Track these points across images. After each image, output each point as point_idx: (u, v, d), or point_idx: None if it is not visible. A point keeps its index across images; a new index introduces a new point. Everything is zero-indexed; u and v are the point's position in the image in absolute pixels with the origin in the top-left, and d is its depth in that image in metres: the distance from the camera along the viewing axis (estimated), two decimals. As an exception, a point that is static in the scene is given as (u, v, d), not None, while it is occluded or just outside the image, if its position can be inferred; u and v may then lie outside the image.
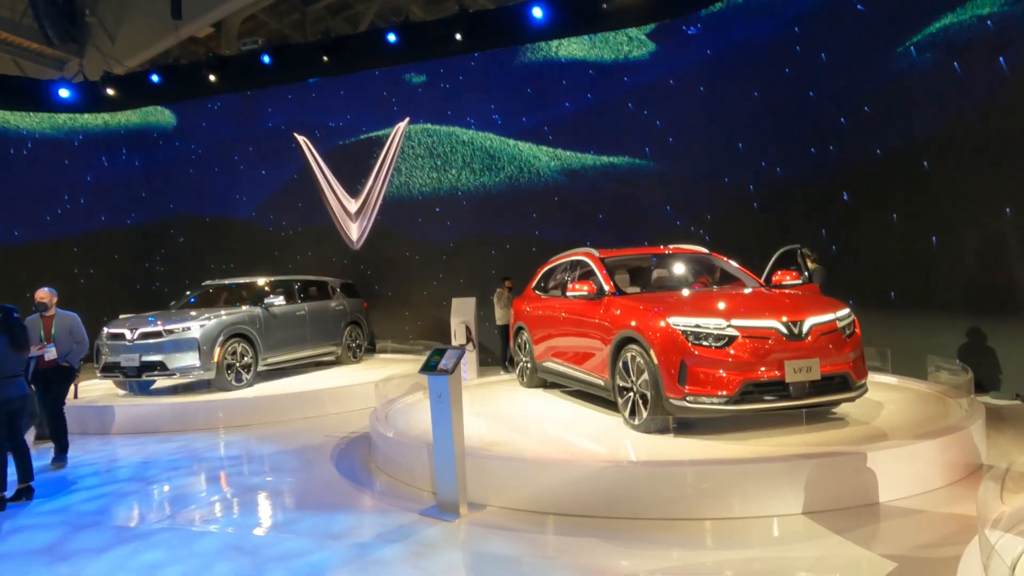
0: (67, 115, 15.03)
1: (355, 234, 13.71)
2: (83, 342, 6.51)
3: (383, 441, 5.59)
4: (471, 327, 10.30)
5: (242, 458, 6.28)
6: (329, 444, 6.70)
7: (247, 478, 5.57)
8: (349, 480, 5.37)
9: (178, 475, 5.77)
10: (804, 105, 9.39)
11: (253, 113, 14.38)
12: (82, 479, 5.79)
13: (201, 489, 5.32)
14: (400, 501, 4.70)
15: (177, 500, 5.02)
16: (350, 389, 8.69)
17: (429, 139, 13.18)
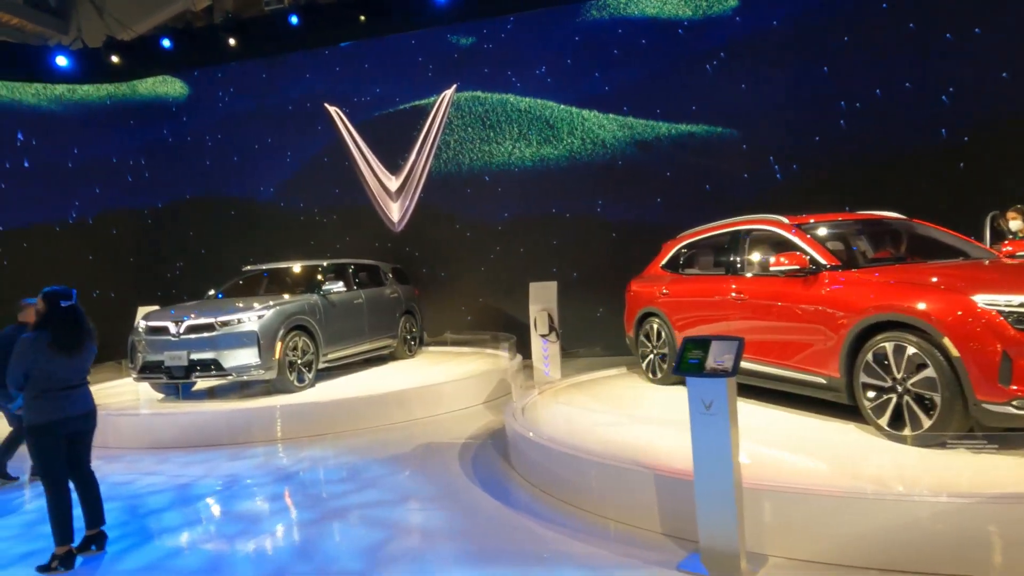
0: (65, 86, 13.49)
1: (396, 215, 12.41)
2: None
3: (550, 459, 4.39)
4: (553, 315, 9.10)
5: (351, 480, 5.04)
6: (446, 456, 5.51)
7: (378, 511, 4.34)
8: (516, 510, 4.17)
9: (279, 507, 4.54)
10: (917, 64, 8.29)
11: (277, 82, 12.95)
12: (157, 515, 4.53)
13: (327, 531, 4.08)
14: (617, 545, 3.53)
15: (307, 552, 3.78)
16: (438, 389, 7.48)
17: (479, 108, 11.89)
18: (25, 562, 3.80)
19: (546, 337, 9.11)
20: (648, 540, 3.53)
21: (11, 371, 3.61)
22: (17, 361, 3.60)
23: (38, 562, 3.75)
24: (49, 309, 3.73)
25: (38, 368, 3.62)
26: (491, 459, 5.39)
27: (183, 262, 13.43)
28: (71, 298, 3.84)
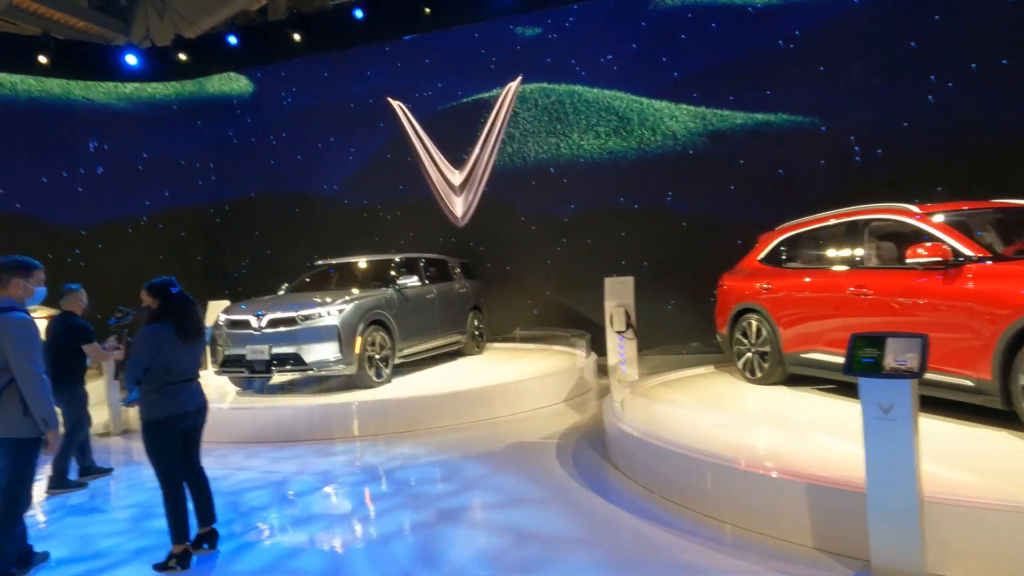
0: (135, 84, 13.73)
1: (459, 209, 12.26)
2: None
3: (669, 462, 4.13)
4: (631, 311, 8.80)
5: (452, 480, 4.86)
6: (543, 456, 5.29)
7: (492, 514, 4.15)
8: (637, 516, 3.92)
9: (386, 507, 4.38)
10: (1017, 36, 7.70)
11: (340, 77, 12.92)
12: (261, 511, 4.43)
13: (444, 534, 3.89)
14: (765, 559, 3.24)
15: (429, 556, 3.60)
16: (518, 386, 7.27)
17: (546, 100, 11.63)
18: (140, 560, 3.73)
19: (622, 334, 8.82)
20: (799, 554, 3.24)
21: (132, 364, 3.52)
22: (140, 354, 3.50)
23: (151, 559, 3.67)
24: (163, 299, 3.63)
25: (159, 361, 3.53)
26: (591, 459, 5.16)
27: (248, 259, 13.54)
28: (177, 286, 3.74)
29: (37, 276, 3.49)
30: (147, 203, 13.65)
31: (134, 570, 3.60)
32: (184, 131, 13.81)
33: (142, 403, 3.58)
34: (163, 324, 3.57)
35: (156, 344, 3.52)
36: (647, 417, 5.14)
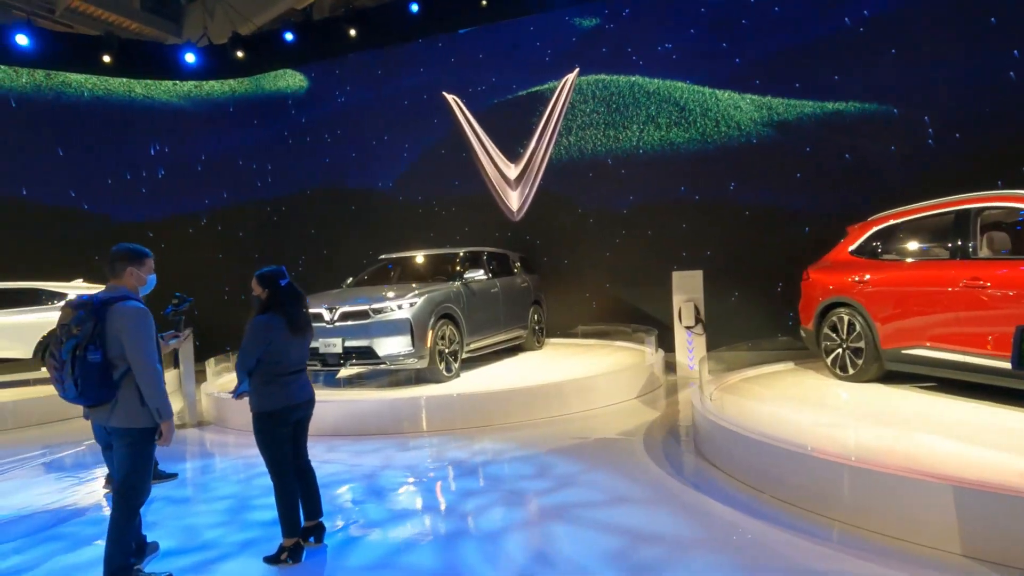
0: (193, 83, 13.95)
1: (515, 203, 12.15)
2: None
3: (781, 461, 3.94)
4: (700, 305, 8.59)
5: (544, 476, 4.74)
6: (632, 452, 5.14)
7: (597, 513, 4.00)
8: (753, 517, 3.74)
9: (484, 503, 4.27)
10: None
11: (395, 72, 12.92)
12: (359, 505, 4.37)
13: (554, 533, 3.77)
14: (911, 566, 3.04)
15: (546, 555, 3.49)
16: (591, 382, 7.12)
17: (604, 92, 11.44)
18: (247, 552, 3.69)
19: (691, 329, 8.63)
20: (948, 562, 3.03)
21: (244, 355, 3.48)
22: (252, 345, 3.46)
23: (259, 552, 3.63)
24: (273, 290, 3.58)
25: (271, 352, 3.48)
26: (682, 456, 5.01)
27: (304, 256, 13.63)
28: (286, 277, 3.69)
29: (149, 264, 3.47)
30: (206, 201, 13.86)
31: (244, 562, 3.57)
32: (240, 129, 13.98)
33: (253, 395, 3.54)
34: (274, 315, 3.52)
35: (268, 335, 3.47)
36: (744, 414, 4.95)
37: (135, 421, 3.19)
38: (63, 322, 3.14)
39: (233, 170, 13.93)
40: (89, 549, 3.86)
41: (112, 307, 3.17)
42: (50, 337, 9.18)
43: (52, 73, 12.83)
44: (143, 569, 3.30)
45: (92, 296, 3.21)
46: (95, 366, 3.09)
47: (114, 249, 3.38)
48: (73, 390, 3.08)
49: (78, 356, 3.07)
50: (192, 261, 13.58)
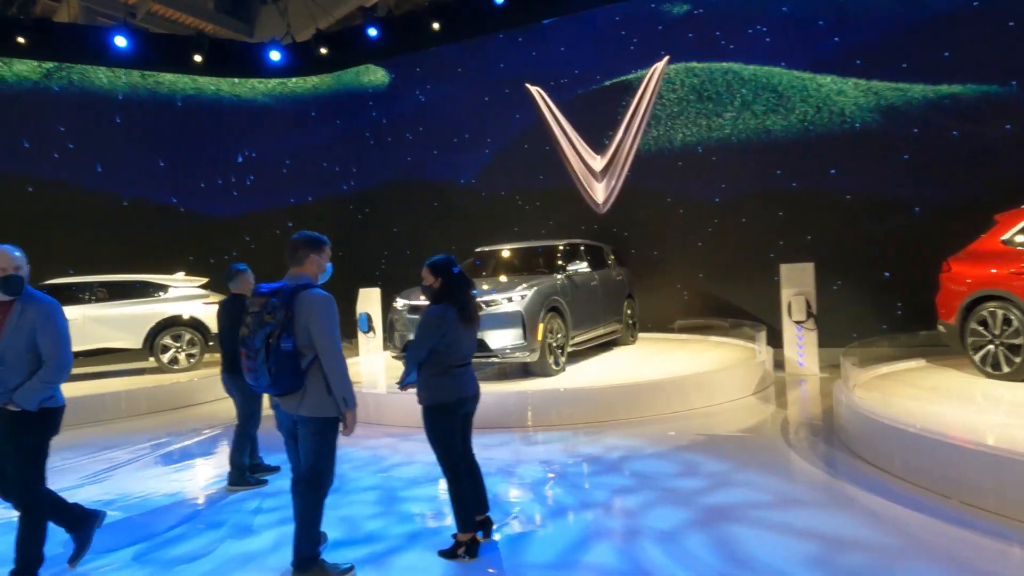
0: (277, 80, 14.20)
1: (601, 195, 11.94)
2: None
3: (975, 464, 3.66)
4: (811, 299, 8.23)
5: (694, 474, 4.56)
6: (776, 450, 4.90)
7: (771, 514, 3.80)
8: (957, 526, 3.48)
9: (644, 501, 4.12)
10: None
11: (477, 65, 12.86)
12: (508, 500, 4.28)
13: (735, 535, 3.59)
14: None
15: (738, 558, 3.32)
16: (711, 377, 6.89)
17: (695, 80, 11.11)
18: (417, 545, 3.64)
19: (802, 324, 8.29)
20: None
21: (418, 346, 3.41)
22: (427, 336, 3.39)
23: (428, 545, 3.58)
24: (447, 278, 3.51)
25: (444, 343, 3.41)
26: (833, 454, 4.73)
27: (387, 250, 13.73)
28: (457, 265, 3.61)
29: (327, 252, 3.43)
30: (291, 200, 14.09)
31: (417, 555, 3.51)
32: (323, 125, 14.17)
33: (424, 387, 3.47)
34: (448, 306, 3.44)
35: (443, 326, 3.39)
36: (899, 413, 4.65)
37: (323, 410, 3.15)
38: (253, 310, 3.12)
39: (316, 166, 14.14)
40: (256, 538, 3.88)
41: (300, 295, 3.14)
42: (159, 328, 9.50)
43: (147, 73, 13.25)
44: (326, 560, 3.27)
45: (281, 284, 3.19)
46: (288, 355, 3.06)
47: (295, 237, 3.35)
48: (266, 379, 3.06)
49: (271, 345, 3.04)
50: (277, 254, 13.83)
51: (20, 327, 3.19)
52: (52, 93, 12.48)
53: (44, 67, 12.39)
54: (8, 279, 3.19)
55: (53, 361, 3.23)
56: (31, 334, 3.20)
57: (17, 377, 3.19)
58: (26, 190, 12.18)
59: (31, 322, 3.20)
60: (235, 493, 4.76)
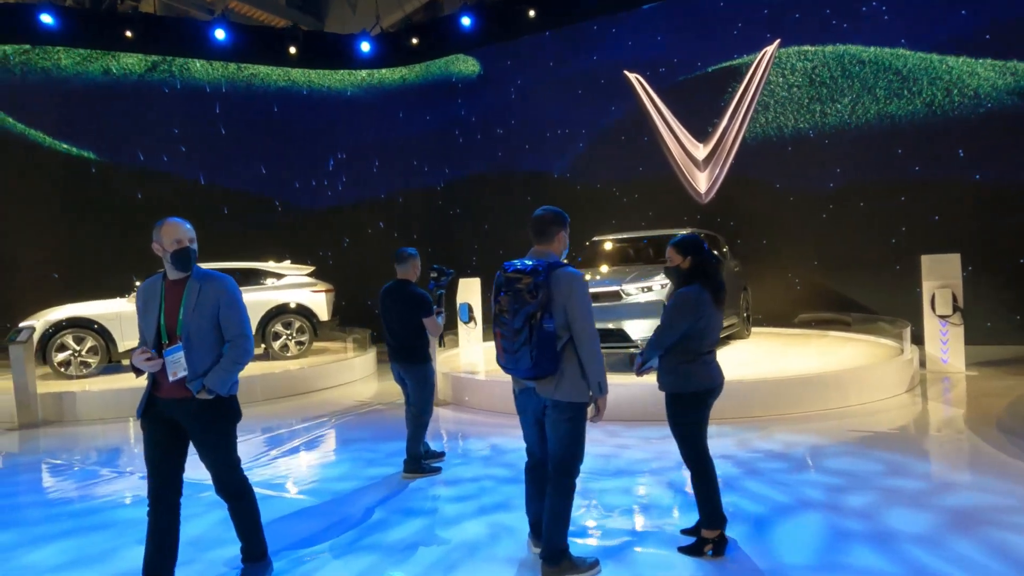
0: (366, 71, 14.23)
1: (703, 185, 11.59)
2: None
3: None
4: (958, 293, 7.76)
5: (906, 475, 4.25)
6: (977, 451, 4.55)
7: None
8: None
9: (861, 496, 3.85)
10: None
11: (571, 53, 12.63)
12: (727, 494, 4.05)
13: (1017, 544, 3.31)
14: None
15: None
16: (866, 373, 6.53)
17: (807, 64, 10.66)
18: (645, 540, 3.45)
19: (946, 318, 7.82)
20: None
21: (667, 331, 3.22)
22: (680, 319, 3.19)
23: (653, 542, 3.39)
24: (698, 258, 3.30)
25: (698, 328, 3.20)
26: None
27: (478, 241, 13.64)
28: (704, 243, 3.40)
29: (568, 229, 3.26)
30: (381, 194, 14.12)
31: (652, 551, 3.32)
32: (412, 116, 14.14)
33: (672, 374, 3.27)
34: (701, 287, 3.24)
35: (699, 309, 3.19)
36: None
37: (577, 395, 2.99)
38: (515, 287, 2.96)
39: (405, 157, 14.13)
40: (468, 526, 3.75)
41: (556, 273, 2.97)
42: (270, 315, 9.56)
43: (242, 66, 13.42)
44: (572, 553, 3.10)
45: (537, 262, 3.02)
46: (550, 336, 2.90)
47: (543, 212, 3.18)
48: (527, 361, 2.90)
49: (534, 325, 2.89)
50: (370, 245, 13.93)
51: (202, 306, 2.88)
52: (155, 86, 12.75)
53: (149, 60, 12.66)
54: (185, 251, 2.89)
55: (242, 340, 2.94)
56: (214, 313, 2.90)
57: (207, 360, 2.89)
58: (131, 180, 12.49)
59: (213, 300, 2.90)
60: (413, 480, 4.66)
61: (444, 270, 5.22)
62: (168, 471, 2.91)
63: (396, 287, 4.84)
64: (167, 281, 2.96)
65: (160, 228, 2.93)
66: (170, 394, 2.88)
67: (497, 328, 3.02)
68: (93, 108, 12.27)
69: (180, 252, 2.89)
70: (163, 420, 2.91)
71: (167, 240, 2.90)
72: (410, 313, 4.68)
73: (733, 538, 3.37)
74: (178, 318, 2.88)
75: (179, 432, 2.93)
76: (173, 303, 2.91)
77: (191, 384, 2.85)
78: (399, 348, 4.76)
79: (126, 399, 7.53)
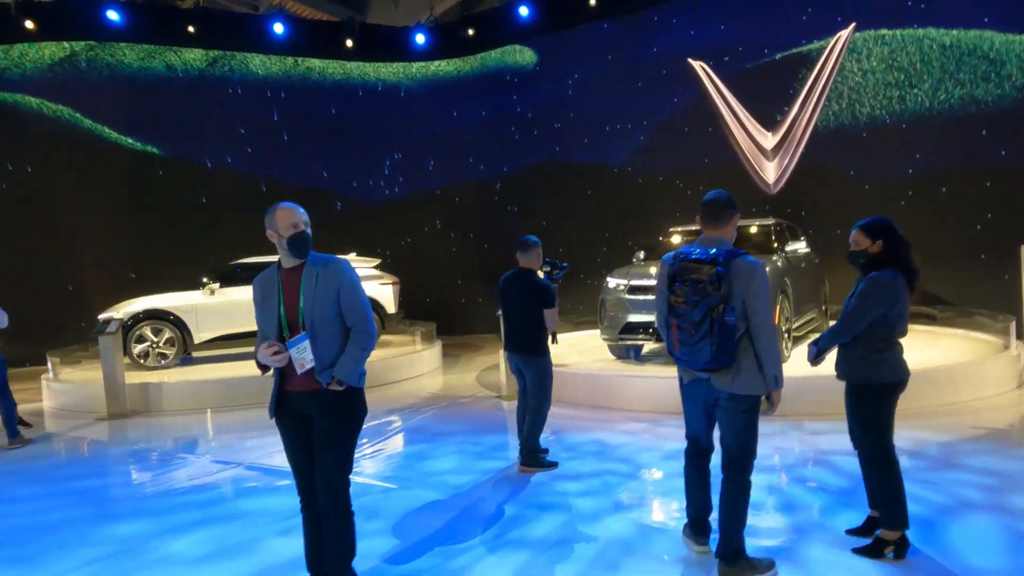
0: (420, 63, 14.15)
1: (772, 175, 11.28)
2: None
3: None
4: (1064, 285, 7.40)
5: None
6: None
7: None
8: None
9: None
10: None
11: (631, 42, 12.37)
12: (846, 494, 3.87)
13: None
14: None
15: None
16: (979, 368, 6.25)
17: (885, 48, 10.28)
18: (811, 538, 3.29)
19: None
20: None
21: (856, 317, 3.06)
22: (873, 305, 3.03)
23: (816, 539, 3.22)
24: (891, 241, 3.14)
25: (893, 314, 3.04)
26: None
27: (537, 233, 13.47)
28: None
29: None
30: (438, 190, 14.01)
31: (819, 551, 3.15)
32: (467, 107, 14.01)
33: (861, 365, 3.10)
34: (896, 272, 3.07)
35: (894, 294, 3.02)
36: None
37: (755, 387, 2.84)
38: (693, 277, 2.82)
39: (461, 150, 14.01)
40: (612, 523, 3.63)
41: (736, 262, 2.82)
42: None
43: (299, 59, 13.44)
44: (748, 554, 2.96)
45: (718, 251, 2.87)
46: (731, 329, 2.76)
47: (716, 195, 3.03)
48: (707, 354, 2.77)
49: (715, 318, 2.75)
50: (427, 241, 13.89)
51: (322, 292, 2.68)
52: (215, 80, 12.82)
53: (210, 55, 12.74)
54: (302, 235, 2.71)
55: (366, 324, 2.73)
56: (335, 299, 2.69)
57: (333, 349, 2.68)
58: (193, 175, 12.60)
59: (333, 285, 2.69)
60: (533, 474, 4.55)
61: (558, 264, 5.10)
62: (313, 468, 2.73)
63: (518, 276, 4.71)
64: (282, 270, 2.78)
65: (274, 214, 2.76)
66: (301, 386, 2.70)
67: (672, 319, 2.88)
68: (157, 103, 12.38)
69: (297, 237, 2.72)
70: (297, 416, 2.75)
71: (283, 225, 2.72)
72: (532, 304, 4.56)
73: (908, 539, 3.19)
74: (299, 307, 2.70)
75: (311, 428, 2.74)
76: (292, 292, 2.72)
77: (320, 376, 2.67)
78: (517, 340, 4.65)
79: (208, 390, 7.57)
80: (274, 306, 2.74)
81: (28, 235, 11.70)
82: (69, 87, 11.94)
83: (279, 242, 2.76)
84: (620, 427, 5.67)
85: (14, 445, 6.08)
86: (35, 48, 11.86)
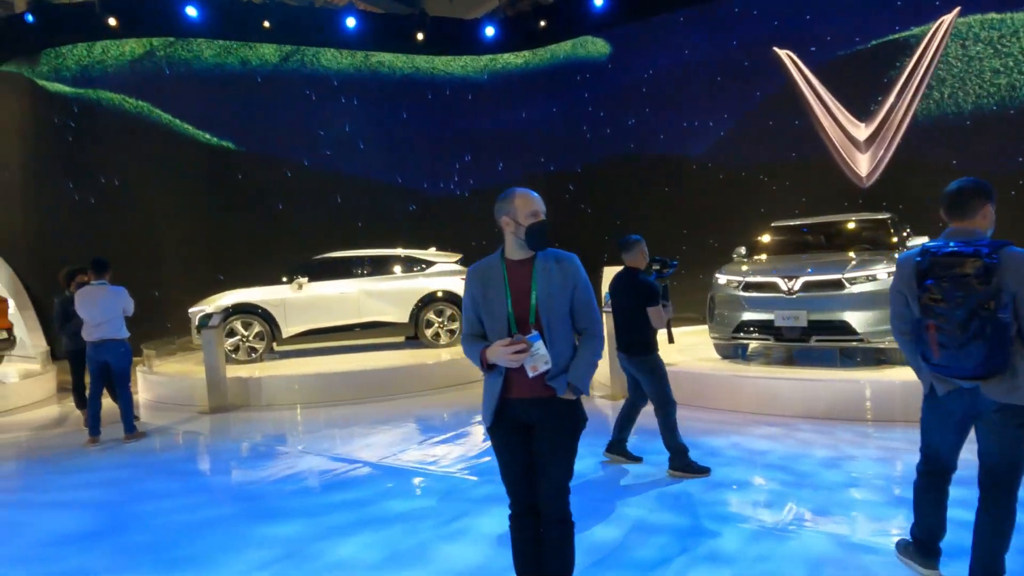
0: (488, 56, 13.96)
1: (864, 167, 10.81)
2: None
3: None
4: None
5: None
6: None
7: None
8: None
9: None
10: None
11: (709, 32, 11.99)
12: None
13: None
14: None
15: None
16: None
17: (992, 33, 9.75)
18: None
19: None
20: None
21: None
22: None
23: None
24: None
25: None
26: None
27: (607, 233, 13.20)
28: None
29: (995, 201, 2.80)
30: (505, 174, 13.85)
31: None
32: (537, 100, 13.80)
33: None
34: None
35: None
36: None
37: (1023, 396, 2.55)
38: (953, 272, 2.55)
39: (532, 143, 13.81)
40: (805, 537, 3.37)
41: (1006, 253, 2.54)
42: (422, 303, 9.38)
43: (369, 54, 13.37)
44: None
45: (980, 242, 2.59)
46: (1005, 327, 2.47)
47: (961, 184, 2.76)
48: (979, 356, 2.47)
49: (986, 316, 2.46)
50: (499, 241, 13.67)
51: (559, 290, 2.47)
52: (288, 75, 12.83)
53: (283, 50, 12.74)
54: (542, 225, 2.50)
55: (599, 328, 2.53)
56: (570, 297, 2.48)
57: (566, 351, 2.47)
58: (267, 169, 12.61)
59: (570, 282, 2.48)
60: (682, 479, 4.32)
61: (668, 261, 4.90)
62: (531, 480, 2.51)
63: (623, 275, 4.65)
64: (508, 261, 2.57)
65: (512, 200, 2.54)
66: (529, 393, 2.46)
67: (929, 320, 2.60)
68: (232, 98, 12.43)
69: (538, 226, 2.50)
70: (517, 426, 2.51)
71: (522, 213, 2.51)
72: (635, 303, 4.45)
73: None
74: (530, 304, 2.46)
75: (530, 436, 2.51)
76: (521, 287, 2.49)
77: (553, 381, 2.43)
78: (624, 340, 4.56)
79: (308, 384, 7.51)
80: (501, 300, 2.51)
81: (115, 229, 11.79)
82: (148, 84, 12.05)
83: (515, 230, 2.53)
84: (753, 431, 5.39)
85: (130, 439, 6.07)
86: (116, 45, 12.00)
